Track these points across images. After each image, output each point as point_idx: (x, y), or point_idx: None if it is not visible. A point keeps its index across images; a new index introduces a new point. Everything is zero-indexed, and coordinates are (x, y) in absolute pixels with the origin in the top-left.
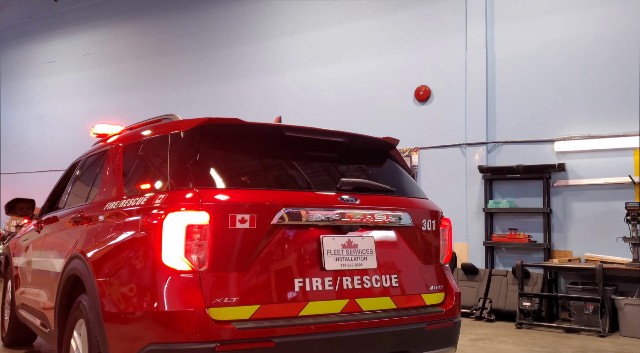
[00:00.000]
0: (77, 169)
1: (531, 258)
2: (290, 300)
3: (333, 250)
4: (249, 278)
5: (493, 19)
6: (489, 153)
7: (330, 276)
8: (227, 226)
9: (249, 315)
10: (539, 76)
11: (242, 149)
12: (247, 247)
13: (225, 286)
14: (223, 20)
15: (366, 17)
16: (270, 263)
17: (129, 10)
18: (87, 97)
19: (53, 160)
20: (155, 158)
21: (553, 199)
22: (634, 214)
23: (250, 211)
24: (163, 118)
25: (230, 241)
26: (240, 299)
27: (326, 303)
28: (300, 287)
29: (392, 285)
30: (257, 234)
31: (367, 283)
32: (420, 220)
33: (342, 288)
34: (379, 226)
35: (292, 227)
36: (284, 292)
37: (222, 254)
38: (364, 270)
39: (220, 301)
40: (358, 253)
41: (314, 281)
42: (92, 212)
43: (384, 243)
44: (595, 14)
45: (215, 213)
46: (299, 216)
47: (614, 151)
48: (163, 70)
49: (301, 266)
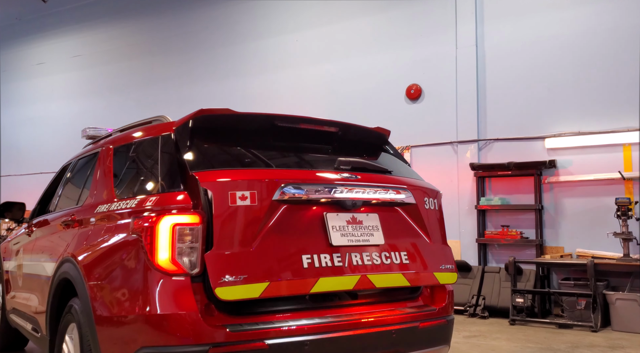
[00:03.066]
0: (68, 172)
1: (524, 254)
2: (300, 277)
3: (338, 225)
4: (254, 257)
5: (483, 17)
6: (480, 150)
7: (339, 253)
8: (228, 203)
9: (258, 293)
10: (529, 73)
11: (235, 140)
12: (250, 225)
13: (231, 265)
14: (214, 20)
15: (357, 16)
16: (275, 240)
17: (119, 11)
18: (78, 99)
19: (44, 162)
20: (146, 159)
21: (544, 196)
22: (624, 209)
23: (250, 188)
24: (153, 120)
25: (232, 219)
26: (248, 277)
27: (338, 279)
28: (309, 264)
29: (402, 262)
30: (259, 211)
31: (376, 260)
32: (422, 198)
33: (352, 265)
34: (381, 203)
35: (294, 203)
36: (293, 269)
37: (225, 233)
38: (372, 246)
39: (228, 280)
40: (364, 229)
41: (322, 258)
42: (83, 215)
43: (389, 220)
44: (584, 11)
45: (215, 190)
46: (300, 191)
47: (604, 147)
48: (154, 70)
49: (307, 243)
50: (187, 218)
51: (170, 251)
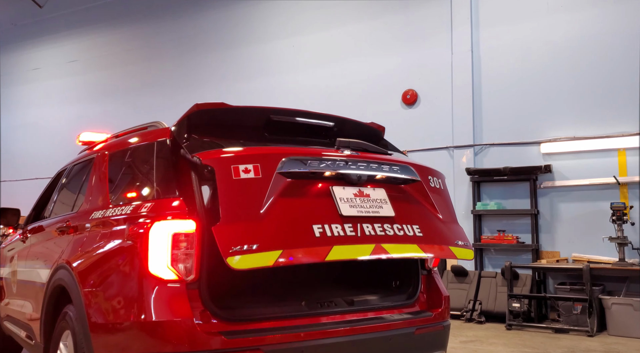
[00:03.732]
0: (63, 178)
1: (520, 259)
2: (313, 245)
3: (346, 197)
4: (264, 227)
5: (478, 23)
6: (476, 155)
7: (350, 223)
8: (232, 177)
9: (272, 260)
10: (524, 79)
11: (231, 133)
12: (256, 197)
13: (240, 235)
14: (210, 25)
15: (353, 21)
16: (284, 212)
17: (115, 16)
18: (74, 104)
19: (39, 168)
20: (141, 165)
21: (540, 201)
22: (619, 214)
23: (253, 161)
24: (149, 125)
25: (238, 191)
26: (259, 246)
27: (352, 248)
28: (321, 233)
29: (416, 234)
30: (263, 183)
31: (389, 231)
32: (427, 177)
33: (365, 234)
34: (386, 180)
35: (299, 177)
36: (305, 238)
37: (231, 206)
38: (383, 217)
39: (239, 249)
40: (372, 201)
41: (334, 227)
42: (78, 221)
43: (396, 196)
44: (578, 17)
45: (218, 165)
46: (303, 164)
47: (599, 152)
48: (150, 75)
49: (317, 214)
50: (183, 224)
51: (166, 258)
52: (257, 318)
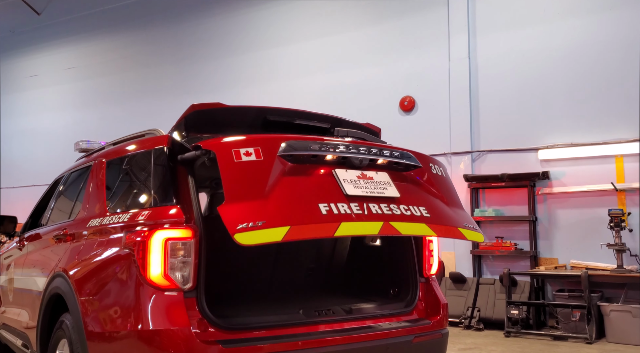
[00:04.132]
0: (61, 185)
1: (518, 266)
2: (321, 221)
3: (349, 179)
4: (269, 206)
5: (475, 30)
6: (474, 161)
7: (356, 203)
8: (233, 160)
9: (280, 236)
10: (522, 85)
11: (228, 133)
12: (259, 178)
13: (247, 213)
14: (208, 32)
15: (351, 29)
16: (288, 192)
17: (113, 23)
18: (71, 111)
19: (36, 175)
20: (138, 173)
21: (538, 207)
22: (617, 220)
23: (253, 145)
24: (146, 133)
25: (240, 174)
26: (266, 223)
27: (360, 224)
28: (328, 211)
29: (423, 215)
30: (266, 165)
31: (396, 210)
32: (428, 164)
33: (372, 213)
34: (388, 165)
35: (301, 161)
36: (312, 215)
37: (235, 187)
38: (388, 198)
39: (246, 226)
40: (376, 183)
41: (340, 206)
42: (75, 229)
43: (400, 180)
44: (574, 24)
45: (219, 150)
46: (304, 146)
47: (596, 158)
48: (148, 82)
49: (321, 194)
50: (180, 232)
51: (163, 266)
52: (254, 326)
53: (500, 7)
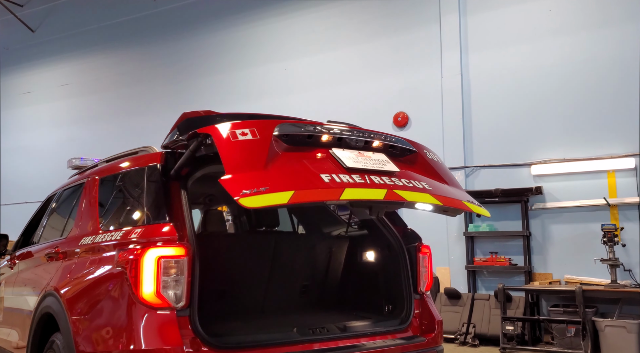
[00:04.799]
0: (53, 203)
1: (512, 281)
2: (325, 187)
3: (347, 156)
4: (271, 174)
5: (467, 47)
6: (467, 177)
7: (357, 174)
8: (230, 139)
9: (286, 199)
10: (514, 101)
11: None
12: (257, 153)
13: (250, 181)
14: (202, 49)
15: (344, 45)
16: (288, 165)
17: (108, 40)
18: (65, 128)
19: (29, 192)
20: (131, 190)
21: (532, 222)
22: (610, 235)
23: (248, 126)
24: (140, 150)
25: (239, 150)
26: (270, 188)
27: (365, 190)
28: (330, 179)
29: (425, 188)
30: (263, 143)
31: (398, 182)
32: (422, 150)
33: (375, 183)
34: (384, 148)
35: (297, 142)
36: (315, 181)
37: (234, 161)
38: (389, 171)
39: (250, 192)
40: (374, 160)
41: (342, 176)
42: (67, 247)
43: (397, 161)
44: (564, 41)
45: (214, 133)
46: (299, 127)
47: (589, 173)
48: (142, 99)
49: (322, 167)
50: (173, 250)
51: (155, 285)
52: (248, 345)
53: (492, 25)
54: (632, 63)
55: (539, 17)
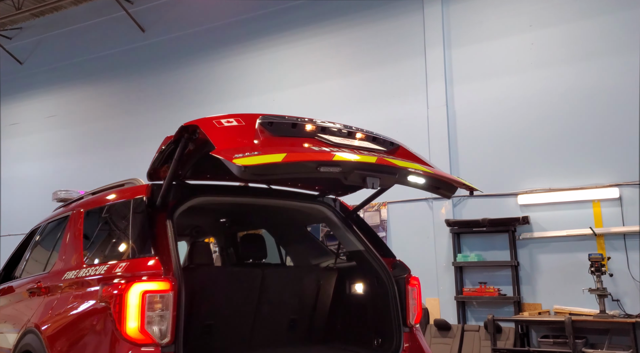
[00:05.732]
0: (37, 236)
1: (502, 311)
2: (316, 151)
3: (333, 138)
4: (261, 145)
5: (452, 79)
6: (455, 206)
7: (345, 148)
8: (216, 126)
9: (280, 158)
10: (499, 132)
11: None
12: (245, 134)
13: (242, 148)
14: (191, 80)
15: (332, 77)
16: (277, 144)
17: (95, 72)
18: (51, 159)
19: (13, 225)
20: (117, 223)
21: (520, 252)
22: (597, 265)
23: (233, 117)
24: (126, 183)
25: (226, 132)
26: (261, 152)
27: (356, 155)
28: (320, 149)
29: (415, 162)
30: (249, 127)
31: (388, 157)
32: (406, 146)
33: (364, 154)
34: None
35: (281, 130)
36: (307, 149)
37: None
38: (377, 149)
39: (243, 155)
40: (360, 143)
41: (332, 148)
42: (50, 282)
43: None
44: (547, 73)
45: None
46: (282, 119)
47: (574, 203)
48: (129, 130)
49: (311, 146)
50: (158, 284)
51: (140, 320)
52: None
53: (475, 57)
54: (614, 94)
55: (522, 50)
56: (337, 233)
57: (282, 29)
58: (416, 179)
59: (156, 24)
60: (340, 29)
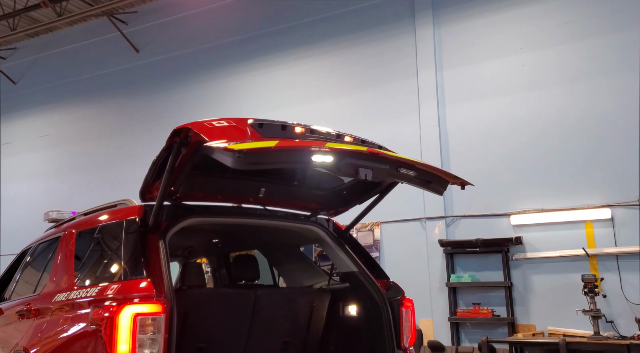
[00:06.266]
0: (28, 256)
1: (496, 333)
2: (309, 141)
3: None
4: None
5: (444, 100)
6: (448, 226)
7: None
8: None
9: (273, 144)
10: (491, 152)
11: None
12: (235, 132)
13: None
14: (184, 100)
15: (325, 98)
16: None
17: (89, 91)
18: (43, 179)
19: (4, 244)
20: (109, 245)
21: (513, 273)
22: (591, 286)
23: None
24: (118, 203)
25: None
26: (255, 139)
27: (346, 145)
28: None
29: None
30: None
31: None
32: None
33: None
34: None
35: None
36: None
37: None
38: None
39: (235, 143)
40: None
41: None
42: (40, 304)
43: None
44: (538, 95)
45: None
46: (272, 121)
47: (567, 223)
48: (122, 150)
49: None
50: (149, 307)
51: (131, 343)
52: None
53: (467, 79)
54: (605, 116)
55: (513, 72)
56: (330, 253)
57: (275, 50)
58: (407, 171)
59: (150, 45)
60: (333, 51)
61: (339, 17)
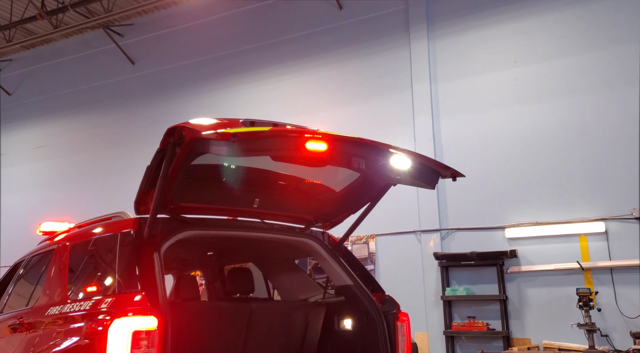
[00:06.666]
0: (21, 269)
1: (491, 346)
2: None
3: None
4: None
5: (439, 113)
6: (443, 239)
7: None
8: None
9: (267, 128)
10: (485, 165)
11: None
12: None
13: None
14: (180, 112)
15: (320, 110)
16: None
17: (84, 103)
18: (37, 190)
19: None
20: (104, 258)
21: (508, 286)
22: (585, 300)
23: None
24: (113, 216)
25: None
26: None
27: (340, 134)
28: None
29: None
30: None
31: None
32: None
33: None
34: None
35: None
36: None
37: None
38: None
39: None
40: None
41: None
42: (33, 318)
43: None
44: (532, 108)
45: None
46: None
47: (561, 237)
48: (117, 161)
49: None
50: (144, 321)
51: None
52: None
53: (462, 92)
54: (598, 129)
55: (507, 85)
56: (326, 267)
57: (271, 62)
58: (399, 161)
59: (146, 57)
60: (328, 63)
61: (335, 30)
